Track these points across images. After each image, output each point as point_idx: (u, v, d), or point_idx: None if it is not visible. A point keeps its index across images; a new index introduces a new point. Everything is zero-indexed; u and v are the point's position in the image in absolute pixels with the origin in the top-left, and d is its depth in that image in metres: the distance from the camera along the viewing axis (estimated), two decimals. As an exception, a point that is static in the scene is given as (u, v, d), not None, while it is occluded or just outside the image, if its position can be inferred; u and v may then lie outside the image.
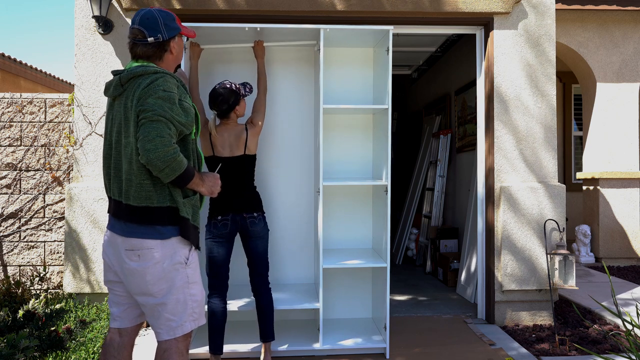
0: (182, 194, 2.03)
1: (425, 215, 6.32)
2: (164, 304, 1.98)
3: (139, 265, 1.95)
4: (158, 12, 2.09)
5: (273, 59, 3.76)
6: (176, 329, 2.01)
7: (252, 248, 3.03)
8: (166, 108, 1.90)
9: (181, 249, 2.01)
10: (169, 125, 1.89)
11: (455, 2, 3.78)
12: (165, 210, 1.97)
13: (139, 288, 1.98)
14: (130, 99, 1.95)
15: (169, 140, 1.87)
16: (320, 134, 3.22)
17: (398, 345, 3.38)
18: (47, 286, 4.30)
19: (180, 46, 2.18)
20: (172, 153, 1.87)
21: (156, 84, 1.93)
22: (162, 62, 2.12)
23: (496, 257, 3.87)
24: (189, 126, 2.01)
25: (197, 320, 2.07)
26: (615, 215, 6.09)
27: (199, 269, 2.13)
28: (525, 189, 3.84)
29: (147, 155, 1.85)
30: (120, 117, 1.98)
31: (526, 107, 3.89)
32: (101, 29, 3.71)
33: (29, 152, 4.38)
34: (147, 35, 2.05)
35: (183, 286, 2.01)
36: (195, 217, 2.07)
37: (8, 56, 8.33)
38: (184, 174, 1.94)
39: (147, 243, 1.95)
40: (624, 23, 6.10)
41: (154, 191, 1.96)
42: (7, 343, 2.66)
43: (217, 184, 2.18)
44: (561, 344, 3.43)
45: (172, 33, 2.11)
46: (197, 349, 3.19)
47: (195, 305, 2.06)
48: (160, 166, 1.86)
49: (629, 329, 2.01)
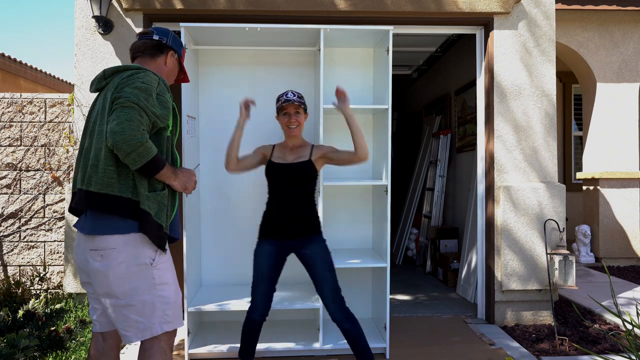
0: (148, 187, 1.96)
1: (425, 215, 6.32)
2: (129, 306, 1.92)
3: (102, 265, 1.89)
4: (173, 33, 2.25)
5: (273, 60, 3.76)
6: (144, 330, 1.95)
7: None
8: (141, 97, 1.87)
9: (146, 249, 1.94)
10: (141, 113, 1.85)
11: (455, 2, 3.78)
12: (126, 201, 1.89)
13: (103, 289, 1.93)
14: (111, 90, 1.94)
15: (137, 125, 1.82)
16: (320, 134, 3.22)
17: (398, 345, 3.38)
18: (47, 286, 4.30)
19: (174, 67, 2.25)
20: (140, 137, 1.81)
21: (136, 76, 1.93)
22: (154, 65, 2.16)
23: (496, 257, 3.87)
24: (163, 119, 1.96)
25: (170, 323, 1.99)
26: (615, 215, 6.10)
27: (174, 271, 2.06)
28: (525, 188, 3.84)
29: (113, 138, 1.79)
30: (99, 108, 1.97)
31: (526, 107, 3.89)
32: (101, 29, 3.71)
33: (29, 152, 4.38)
34: (154, 34, 2.17)
35: (149, 288, 1.94)
36: (160, 214, 1.97)
37: (8, 56, 8.33)
38: (152, 161, 1.87)
39: (109, 242, 1.89)
40: (624, 23, 6.10)
41: (116, 179, 1.89)
42: (7, 343, 2.66)
43: (192, 180, 2.11)
44: (561, 344, 3.43)
45: (175, 47, 2.22)
46: (197, 349, 3.19)
47: (167, 307, 1.98)
48: (125, 149, 1.80)
49: (629, 329, 2.01)
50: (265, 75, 3.77)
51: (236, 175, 3.75)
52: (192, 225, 3.35)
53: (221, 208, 3.73)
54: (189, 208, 3.21)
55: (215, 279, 3.75)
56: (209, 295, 3.44)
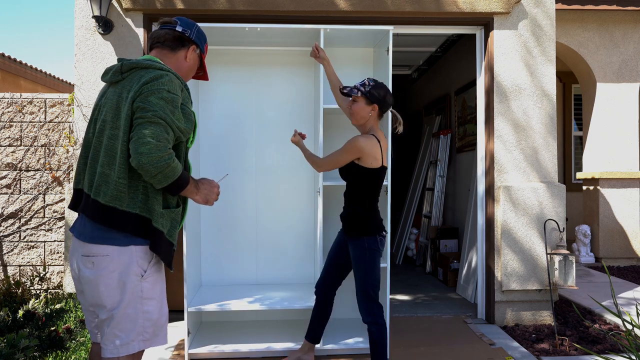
0: (162, 203, 1.84)
1: (425, 215, 6.32)
2: (111, 317, 1.79)
3: (92, 273, 1.77)
4: (198, 26, 2.09)
5: (273, 60, 3.76)
6: (120, 347, 1.79)
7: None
8: (167, 111, 1.75)
9: (140, 259, 1.81)
10: (168, 130, 1.74)
11: (455, 2, 3.78)
12: (132, 217, 1.78)
13: (93, 299, 1.81)
14: (127, 90, 1.80)
15: (164, 144, 1.71)
16: (320, 134, 3.22)
17: (398, 345, 3.38)
18: (47, 286, 4.30)
19: (195, 62, 2.09)
20: (167, 159, 1.71)
21: (161, 82, 1.78)
22: (173, 58, 2.00)
23: (496, 257, 3.87)
24: (187, 133, 1.86)
25: (149, 341, 1.84)
26: (615, 215, 6.09)
27: (164, 287, 1.91)
28: (525, 188, 3.84)
29: (139, 159, 1.68)
30: (111, 106, 1.82)
31: (526, 107, 3.89)
32: (101, 29, 3.71)
33: (29, 152, 4.38)
34: (178, 24, 2.01)
35: (135, 300, 1.80)
36: (172, 232, 1.87)
37: (8, 56, 8.32)
38: (177, 180, 1.79)
39: (103, 249, 1.77)
40: (624, 23, 6.10)
41: (126, 193, 1.77)
42: (7, 343, 2.66)
43: (214, 192, 2.00)
44: (561, 344, 3.43)
45: (198, 42, 2.06)
46: (198, 349, 3.19)
47: (149, 325, 1.83)
48: (152, 172, 1.70)
49: (629, 329, 2.01)
50: (265, 75, 3.77)
51: (236, 175, 3.75)
52: (192, 225, 3.35)
53: (222, 208, 3.73)
54: (189, 208, 3.20)
55: (215, 279, 3.75)
56: (209, 295, 3.44)
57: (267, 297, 3.38)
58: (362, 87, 2.68)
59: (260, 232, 3.78)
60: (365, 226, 2.70)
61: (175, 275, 3.92)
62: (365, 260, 2.69)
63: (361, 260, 2.70)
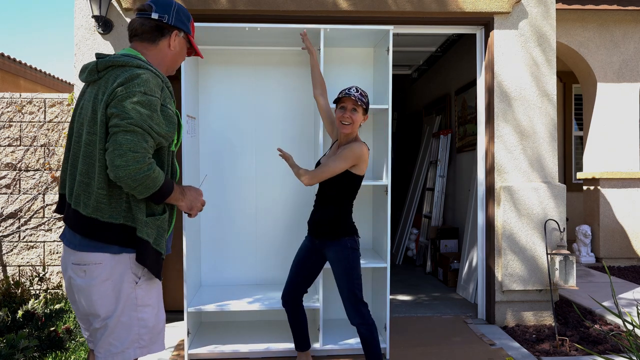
0: (145, 210, 1.73)
1: (426, 215, 6.32)
2: (105, 327, 1.72)
3: (84, 282, 1.70)
4: (177, 3, 1.88)
5: (273, 60, 3.76)
6: (116, 355, 1.73)
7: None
8: (145, 116, 1.62)
9: (134, 266, 1.74)
10: (146, 137, 1.62)
11: (455, 2, 3.78)
12: (117, 228, 1.69)
13: (87, 308, 1.74)
14: (102, 92, 1.67)
15: (142, 155, 1.60)
16: (320, 134, 3.22)
17: (398, 345, 3.37)
18: (47, 286, 4.29)
19: (181, 48, 1.91)
20: (146, 170, 1.61)
21: (135, 83, 1.64)
22: (155, 50, 1.84)
23: (496, 257, 3.87)
24: (168, 137, 1.74)
25: (145, 348, 1.78)
26: (616, 215, 6.09)
27: (159, 292, 1.85)
28: (526, 188, 3.83)
29: (116, 173, 1.59)
30: (88, 109, 1.71)
31: (526, 107, 3.88)
32: (101, 28, 3.70)
33: (28, 152, 4.37)
34: (153, 10, 1.82)
35: (130, 308, 1.73)
36: (159, 240, 1.77)
37: (8, 56, 8.32)
38: (159, 190, 1.68)
39: (95, 257, 1.69)
40: (625, 23, 6.09)
41: (107, 203, 1.68)
42: (7, 343, 2.65)
43: (199, 201, 1.91)
44: (562, 344, 3.43)
45: (180, 25, 1.86)
46: (197, 349, 3.18)
47: (144, 332, 1.76)
48: (131, 185, 1.61)
49: (630, 329, 2.01)
50: (265, 75, 3.76)
51: (236, 175, 3.74)
52: (192, 225, 3.35)
53: (221, 208, 3.73)
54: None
55: (215, 279, 3.75)
56: (209, 295, 3.43)
57: (267, 297, 3.38)
58: (362, 97, 2.67)
59: (260, 232, 3.78)
60: (345, 227, 2.72)
61: (175, 275, 3.92)
62: (350, 260, 2.68)
63: (345, 261, 2.67)
